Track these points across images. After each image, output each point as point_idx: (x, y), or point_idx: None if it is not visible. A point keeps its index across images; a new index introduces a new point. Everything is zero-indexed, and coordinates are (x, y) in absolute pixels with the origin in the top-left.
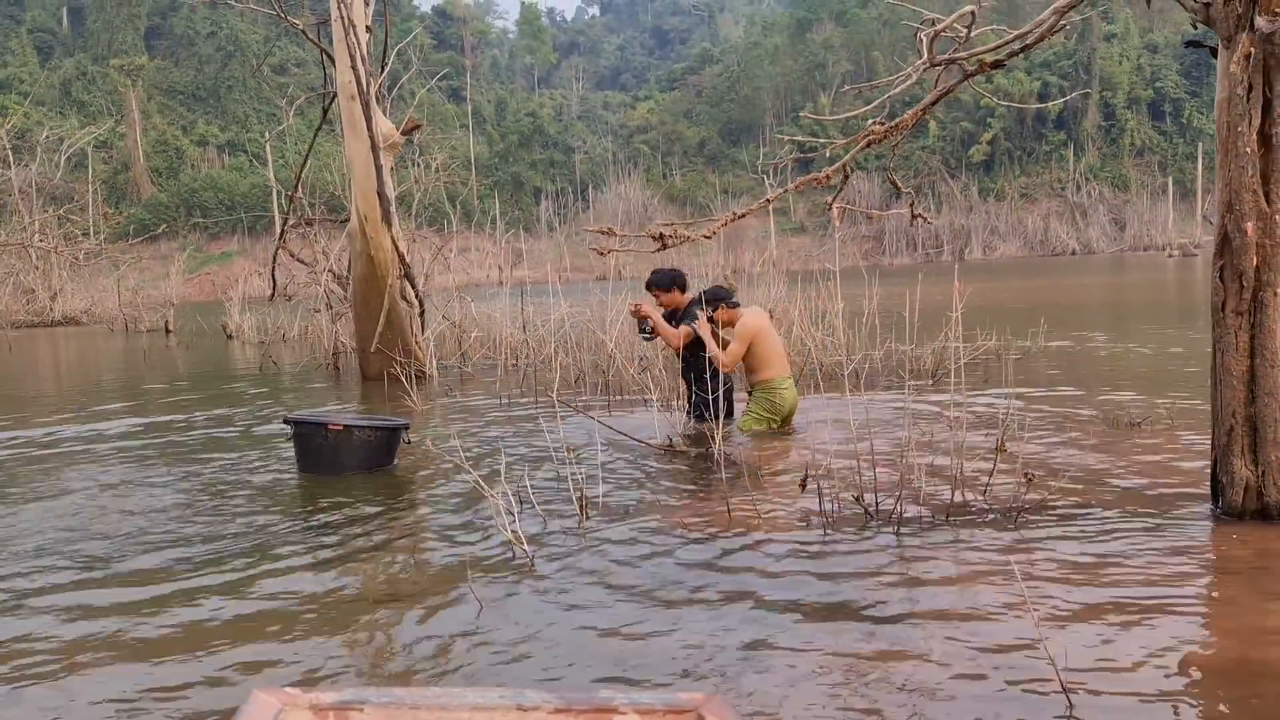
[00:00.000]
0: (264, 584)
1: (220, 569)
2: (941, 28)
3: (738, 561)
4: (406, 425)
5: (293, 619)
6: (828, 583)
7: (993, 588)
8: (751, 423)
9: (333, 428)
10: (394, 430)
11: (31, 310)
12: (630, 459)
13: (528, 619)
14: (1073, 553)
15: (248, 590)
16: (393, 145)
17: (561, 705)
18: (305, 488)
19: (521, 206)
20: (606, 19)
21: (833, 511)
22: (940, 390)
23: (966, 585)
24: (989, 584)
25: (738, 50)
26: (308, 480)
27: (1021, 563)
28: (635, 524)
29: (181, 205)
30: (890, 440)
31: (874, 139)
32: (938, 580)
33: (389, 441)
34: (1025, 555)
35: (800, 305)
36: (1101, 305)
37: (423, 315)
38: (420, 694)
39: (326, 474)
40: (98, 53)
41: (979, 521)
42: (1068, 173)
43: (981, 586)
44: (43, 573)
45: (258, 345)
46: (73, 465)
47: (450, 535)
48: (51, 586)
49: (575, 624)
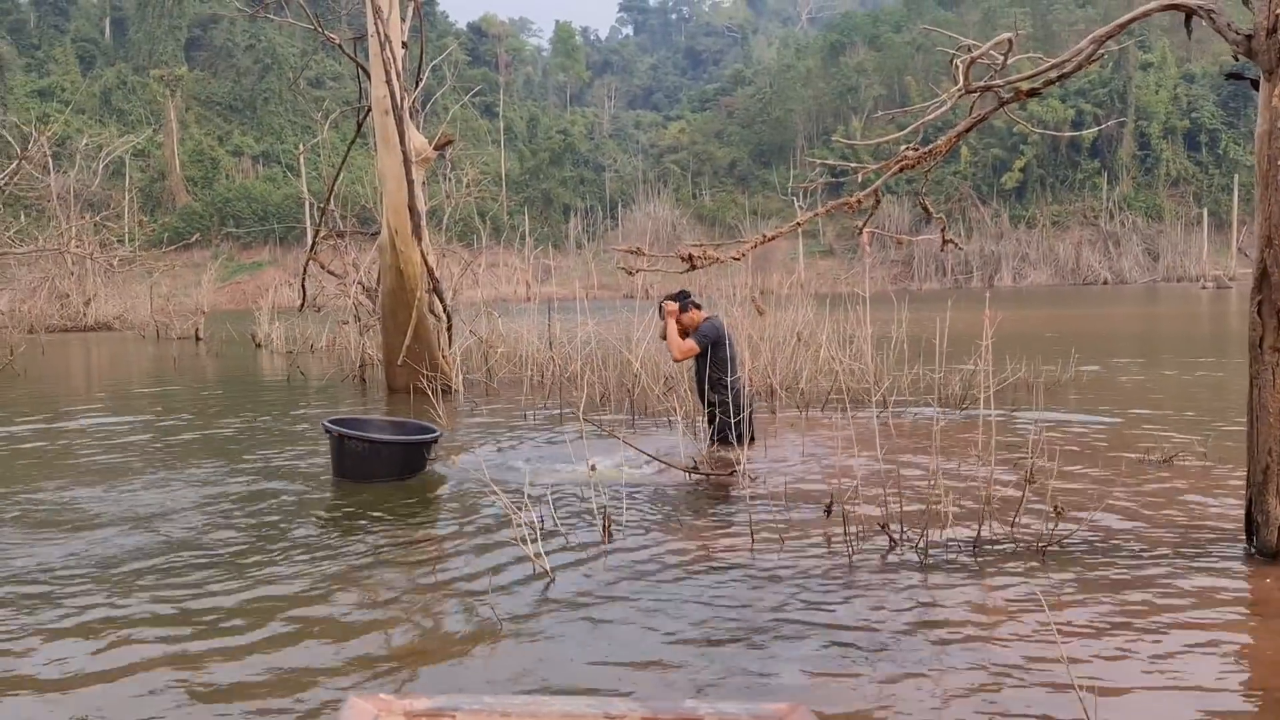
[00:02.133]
0: (278, 590)
1: (249, 575)
2: (978, 54)
3: (761, 586)
4: (439, 435)
5: (311, 628)
6: (850, 610)
7: (1019, 623)
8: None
9: (370, 439)
10: (427, 443)
11: (65, 315)
12: (655, 480)
13: (548, 640)
14: (1102, 589)
15: (262, 596)
16: (425, 159)
17: (648, 714)
18: (336, 499)
19: (551, 223)
20: (640, 39)
21: (858, 538)
22: (969, 417)
23: (992, 618)
24: (1015, 618)
25: (770, 72)
26: (341, 487)
27: (1050, 598)
28: (659, 546)
29: (215, 214)
30: (917, 467)
31: (907, 164)
32: (962, 613)
33: (422, 452)
34: (1053, 590)
35: (829, 328)
36: (1134, 335)
37: (450, 329)
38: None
39: (360, 480)
40: (138, 63)
41: (1006, 553)
42: (1101, 201)
43: (1007, 621)
44: (70, 592)
45: (285, 355)
46: (90, 470)
47: (474, 552)
48: (102, 603)
49: (597, 644)
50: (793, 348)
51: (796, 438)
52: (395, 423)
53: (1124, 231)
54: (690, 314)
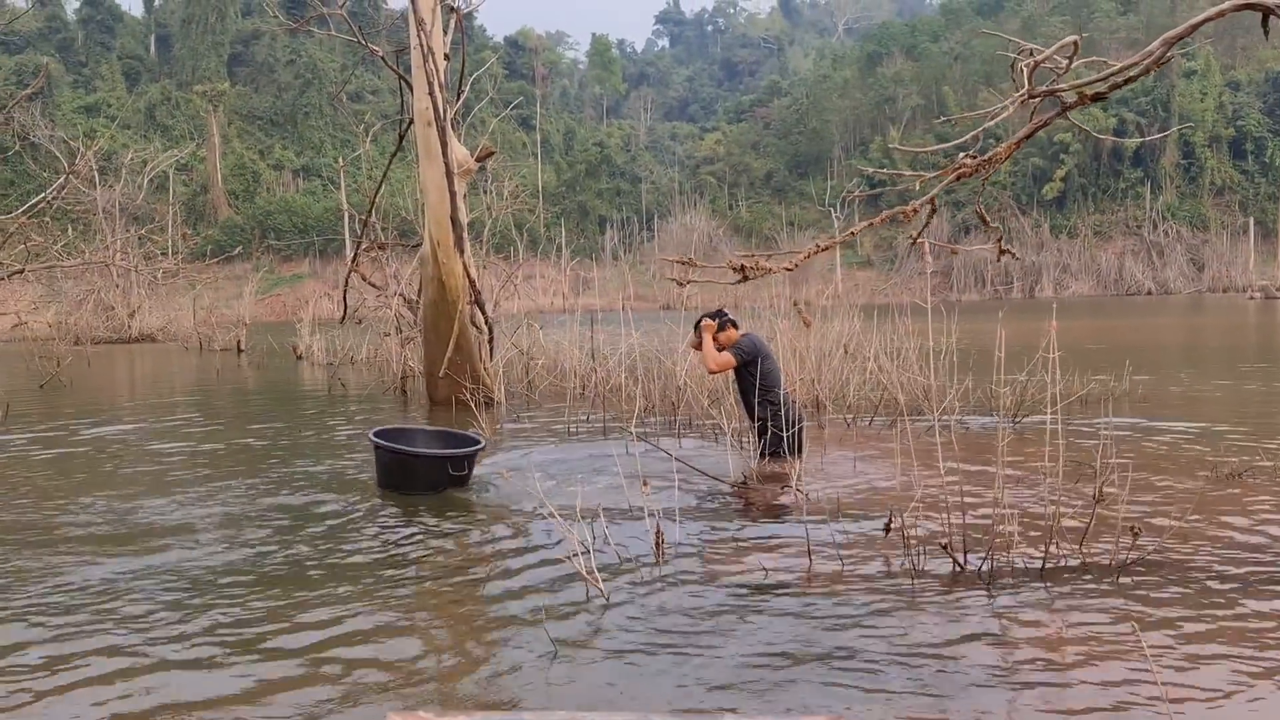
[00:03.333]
0: (322, 609)
1: (292, 587)
2: (1042, 58)
3: (819, 610)
4: (482, 446)
5: (355, 643)
6: (914, 635)
7: (1094, 650)
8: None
9: (416, 453)
10: (471, 455)
11: (110, 327)
12: (705, 495)
13: (602, 662)
14: (1184, 614)
15: (306, 612)
16: (466, 171)
17: None
18: (384, 511)
19: (587, 235)
20: (676, 50)
21: (919, 560)
22: (1025, 429)
23: (1067, 646)
24: (1089, 645)
25: (806, 83)
26: (389, 500)
27: (1130, 623)
28: (713, 566)
29: (256, 227)
30: (978, 483)
31: (965, 172)
32: (1033, 641)
33: (466, 464)
34: (1134, 616)
35: (877, 340)
36: (1182, 346)
37: (492, 341)
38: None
39: (405, 491)
40: (182, 79)
41: (1077, 574)
42: (1144, 211)
43: (1081, 649)
44: (127, 599)
45: (326, 366)
46: (136, 482)
47: (525, 569)
48: (140, 615)
49: (651, 666)
50: (839, 359)
51: (847, 452)
52: (439, 433)
53: (1168, 241)
54: (727, 332)
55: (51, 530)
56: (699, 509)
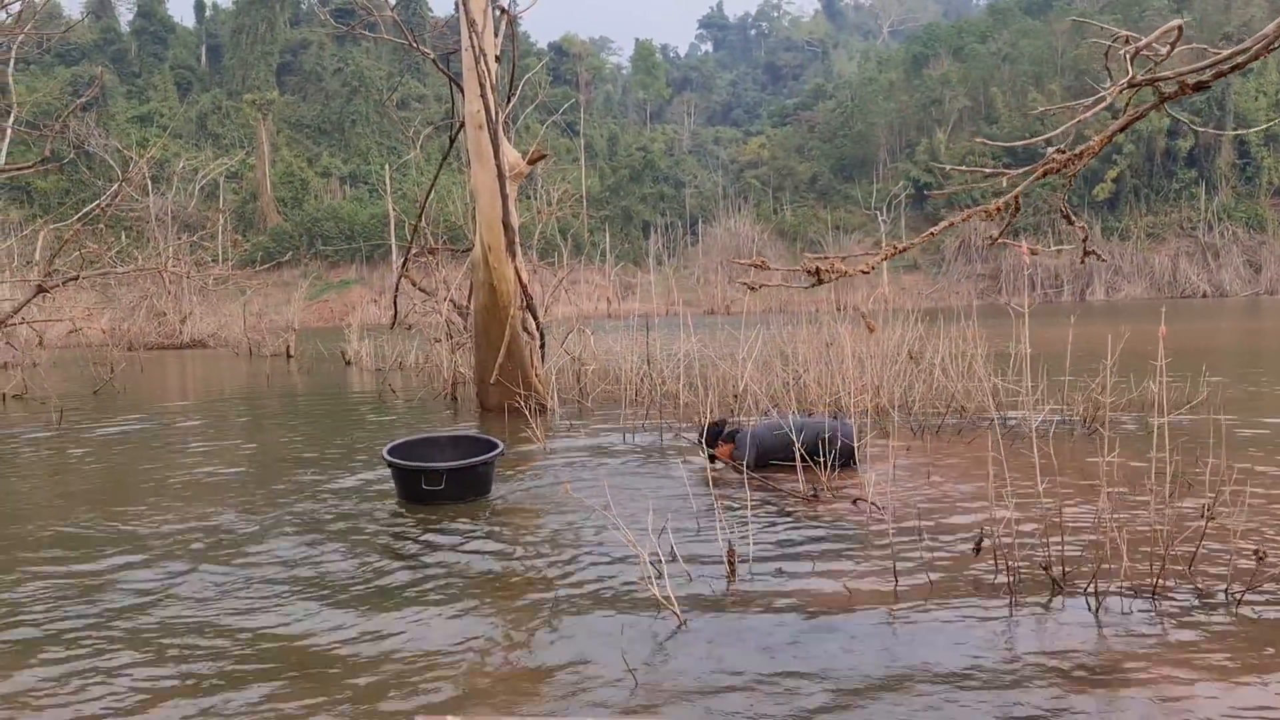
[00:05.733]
0: (384, 620)
1: (344, 598)
2: (1143, 45)
3: (908, 634)
4: (502, 451)
5: (415, 659)
6: (1015, 667)
7: (1214, 684)
8: None
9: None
10: (489, 463)
11: (162, 332)
12: (774, 508)
13: (683, 684)
14: None
15: (370, 624)
16: (518, 174)
17: None
18: (442, 522)
19: (630, 240)
20: (720, 55)
21: (1015, 580)
22: (1099, 437)
23: (1183, 677)
24: (1205, 676)
25: (852, 86)
26: (447, 511)
27: (1250, 654)
28: (789, 585)
29: (304, 234)
30: (1072, 498)
31: (1053, 167)
32: (1147, 670)
33: (486, 473)
34: (1257, 645)
35: (944, 347)
36: (1247, 350)
37: (544, 347)
38: None
39: (424, 503)
40: (232, 88)
41: (1189, 599)
42: (1199, 212)
43: (1197, 679)
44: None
45: (375, 372)
46: (189, 490)
47: (594, 589)
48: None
49: (730, 691)
50: (903, 363)
51: (918, 461)
52: (455, 439)
53: (1223, 243)
54: (721, 449)
55: (127, 540)
56: (770, 524)
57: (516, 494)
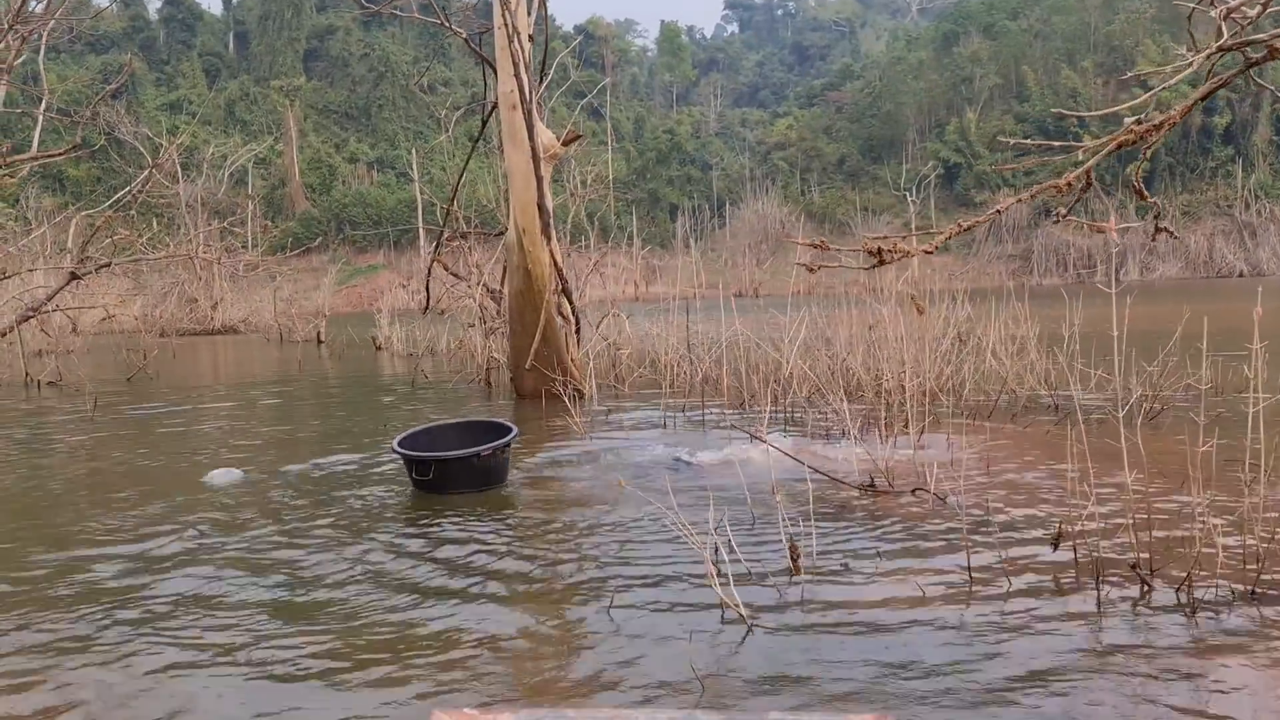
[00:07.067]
0: (433, 612)
1: (396, 588)
2: (1235, 6)
3: (987, 640)
4: (516, 434)
5: (469, 648)
6: (1104, 677)
7: None
8: None
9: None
10: (502, 449)
11: (193, 319)
12: (828, 499)
13: (748, 687)
14: None
15: (415, 615)
16: (553, 155)
17: None
18: (497, 515)
19: (657, 223)
20: (746, 36)
21: (1100, 580)
22: (1160, 426)
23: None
24: None
25: (880, 65)
26: (497, 503)
27: None
28: (856, 582)
29: (333, 220)
30: (1154, 489)
31: (1129, 140)
32: (1243, 680)
33: (499, 461)
34: None
35: (996, 329)
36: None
37: (579, 331)
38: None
39: (436, 493)
40: (260, 74)
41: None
42: (1235, 190)
43: None
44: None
45: (406, 358)
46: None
47: (656, 587)
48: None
49: (802, 697)
50: (951, 345)
51: (975, 448)
52: (465, 424)
53: (1260, 221)
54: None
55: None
56: (830, 516)
57: (561, 484)
